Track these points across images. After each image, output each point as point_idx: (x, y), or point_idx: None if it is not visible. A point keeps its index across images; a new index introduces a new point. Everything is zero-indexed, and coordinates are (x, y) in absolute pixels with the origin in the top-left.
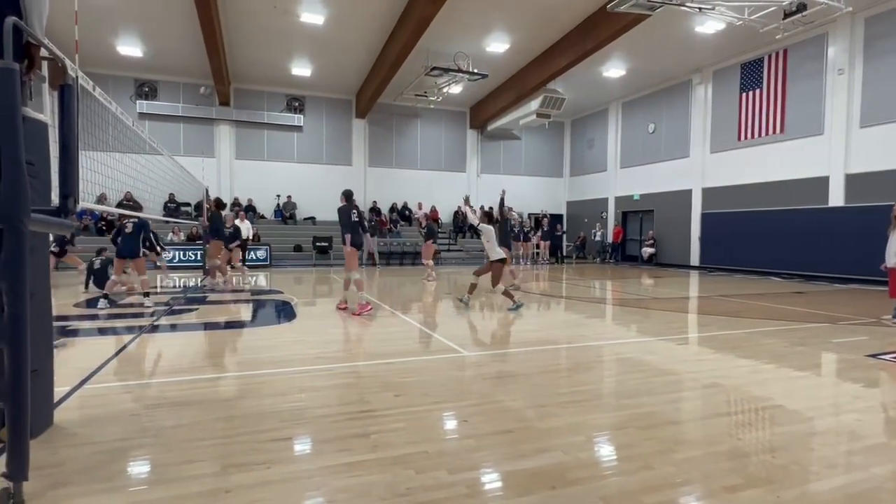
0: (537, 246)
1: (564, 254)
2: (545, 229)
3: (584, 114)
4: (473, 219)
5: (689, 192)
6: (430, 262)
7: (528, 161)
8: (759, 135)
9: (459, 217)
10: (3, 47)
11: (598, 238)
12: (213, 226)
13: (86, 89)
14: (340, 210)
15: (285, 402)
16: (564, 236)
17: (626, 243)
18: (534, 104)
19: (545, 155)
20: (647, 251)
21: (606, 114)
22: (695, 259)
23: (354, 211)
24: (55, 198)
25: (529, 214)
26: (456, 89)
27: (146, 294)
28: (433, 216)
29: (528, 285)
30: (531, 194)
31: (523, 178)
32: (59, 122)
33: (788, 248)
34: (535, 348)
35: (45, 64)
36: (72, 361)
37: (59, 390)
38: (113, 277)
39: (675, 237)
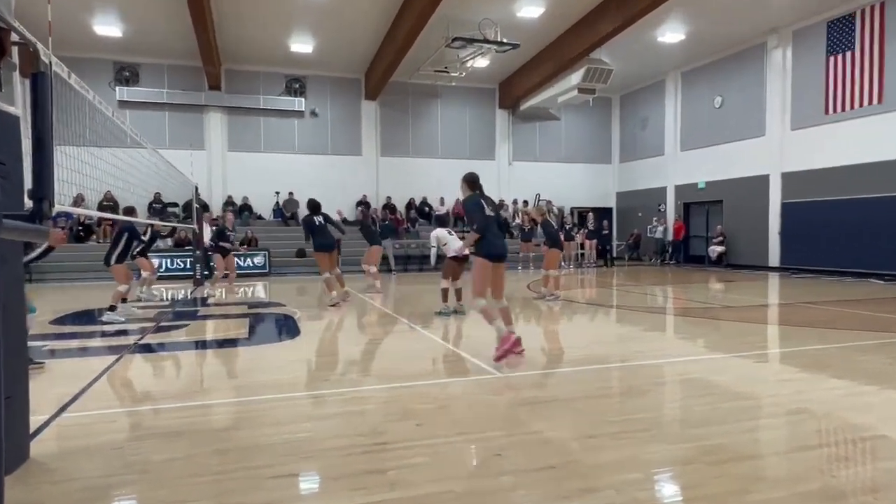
0: (582, 246)
1: (615, 255)
2: (590, 227)
3: (635, 87)
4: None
5: (765, 179)
6: (373, 269)
7: (570, 145)
8: (852, 106)
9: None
10: None
11: (655, 235)
12: (311, 235)
13: (60, 76)
14: (466, 202)
15: (289, 432)
16: (614, 234)
17: (690, 241)
18: (575, 78)
19: (590, 138)
20: (716, 250)
21: (663, 86)
22: (774, 259)
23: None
24: (28, 201)
25: (572, 209)
26: (482, 63)
27: (110, 307)
28: (458, 211)
29: (573, 293)
30: (574, 185)
31: (564, 165)
32: (32, 115)
33: (892, 243)
34: (581, 368)
35: (14, 49)
36: (49, 386)
37: (35, 419)
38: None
39: (750, 233)
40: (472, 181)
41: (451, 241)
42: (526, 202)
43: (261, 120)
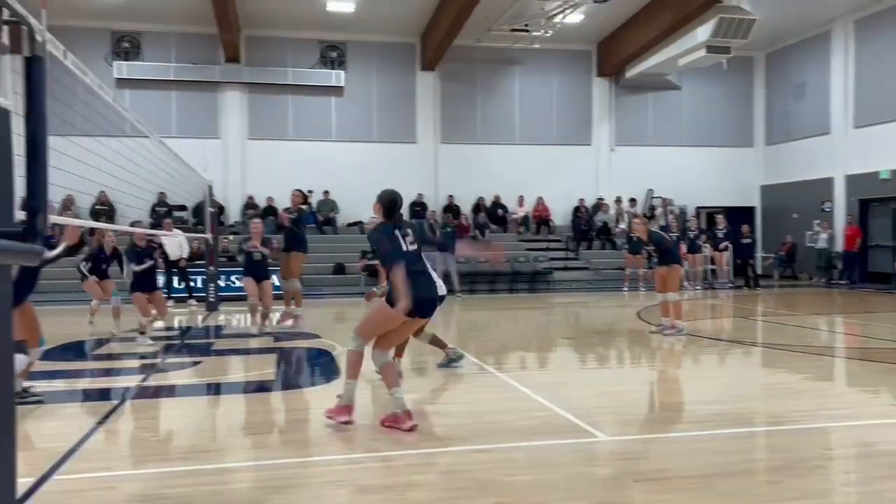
0: (712, 261)
1: (759, 272)
2: (721, 234)
3: (788, 42)
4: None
5: None
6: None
7: (695, 124)
8: None
9: (582, 217)
10: None
11: (817, 245)
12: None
13: (54, 56)
14: (371, 234)
15: None
16: (758, 243)
17: (869, 252)
18: (702, 33)
19: (723, 113)
20: None
21: (828, 40)
22: None
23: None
24: (19, 214)
25: (698, 209)
26: (575, 17)
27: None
28: (540, 214)
29: (701, 325)
30: (701, 177)
31: (686, 151)
32: (26, 110)
33: None
34: (717, 432)
35: (3, 29)
36: (36, 439)
37: (21, 482)
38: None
39: None
40: (389, 206)
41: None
42: (633, 201)
43: (289, 99)
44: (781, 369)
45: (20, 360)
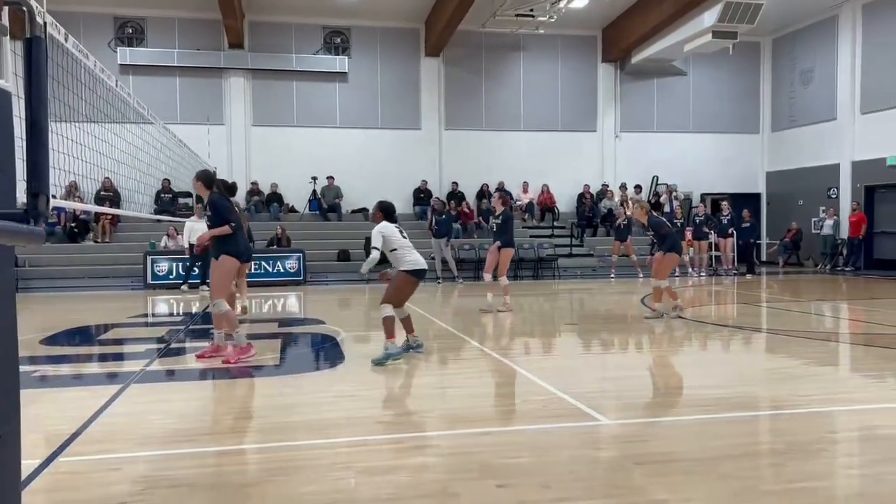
0: (716, 247)
1: (763, 258)
2: (726, 220)
3: (794, 27)
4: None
5: None
6: (504, 281)
7: (701, 110)
8: None
9: (587, 203)
10: None
11: (822, 232)
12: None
13: (56, 40)
14: (215, 203)
15: (329, 489)
16: (763, 229)
17: (874, 239)
18: (708, 17)
19: (729, 99)
20: None
21: (835, 25)
22: None
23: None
24: (20, 196)
25: (703, 196)
26: (579, 2)
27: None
28: (545, 201)
29: (703, 311)
30: (706, 164)
31: (692, 137)
32: (26, 91)
33: None
34: (719, 416)
35: (3, 10)
36: (40, 422)
37: (25, 464)
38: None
39: None
40: (209, 181)
41: (402, 246)
42: (638, 187)
43: (293, 85)
44: (784, 354)
45: None
